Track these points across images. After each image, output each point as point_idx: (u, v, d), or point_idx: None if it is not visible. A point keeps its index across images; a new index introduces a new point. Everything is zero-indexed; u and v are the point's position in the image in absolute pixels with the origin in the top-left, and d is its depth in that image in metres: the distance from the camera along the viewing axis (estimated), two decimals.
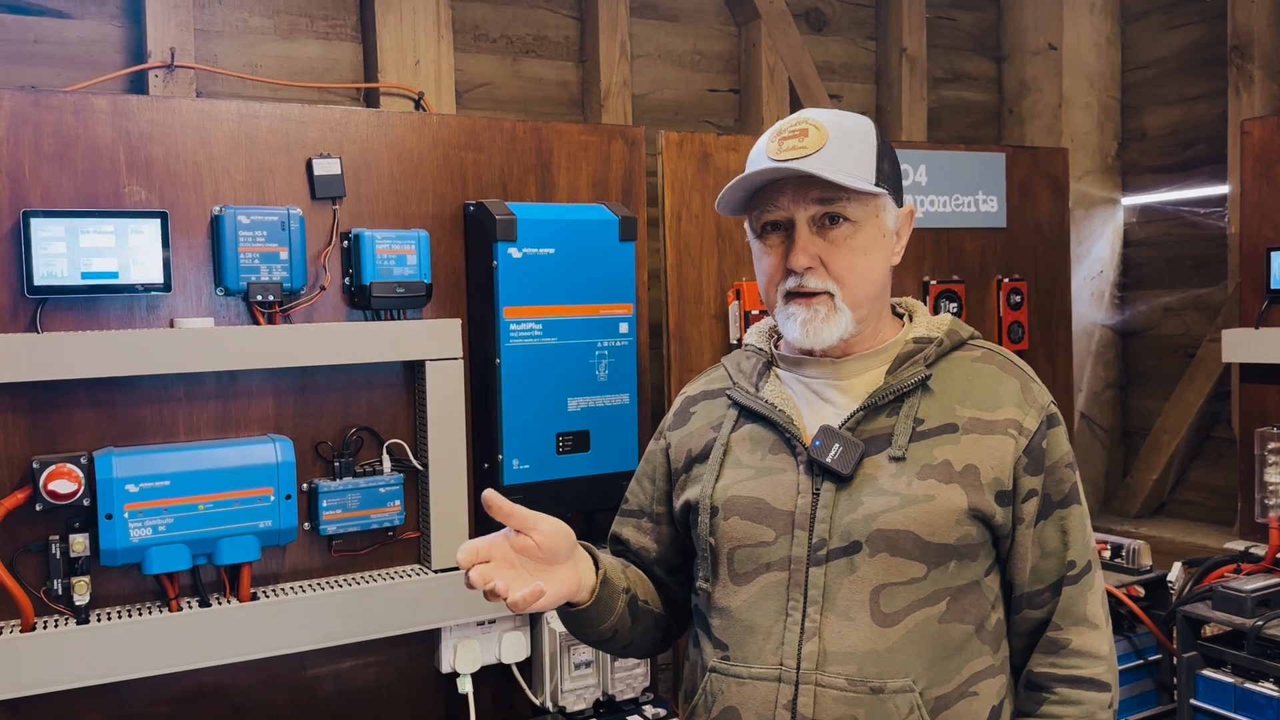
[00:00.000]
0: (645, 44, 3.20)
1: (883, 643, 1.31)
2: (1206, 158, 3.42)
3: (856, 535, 1.33)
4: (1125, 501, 3.61)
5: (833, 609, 1.32)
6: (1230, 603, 2.21)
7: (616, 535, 1.61)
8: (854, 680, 1.30)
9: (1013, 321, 2.95)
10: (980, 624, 1.36)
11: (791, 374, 1.48)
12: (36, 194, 1.86)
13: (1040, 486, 1.37)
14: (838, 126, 1.40)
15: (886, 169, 1.42)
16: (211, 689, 2.05)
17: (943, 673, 1.32)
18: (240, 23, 2.63)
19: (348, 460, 2.09)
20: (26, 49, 2.41)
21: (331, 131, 2.09)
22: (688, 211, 2.50)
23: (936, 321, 1.48)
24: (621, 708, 2.29)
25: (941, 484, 1.33)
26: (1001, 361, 1.44)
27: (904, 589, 1.32)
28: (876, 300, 1.43)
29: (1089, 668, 1.37)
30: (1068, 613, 1.38)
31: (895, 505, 1.33)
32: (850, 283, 1.39)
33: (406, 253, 2.08)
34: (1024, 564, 1.38)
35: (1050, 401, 1.42)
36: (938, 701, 1.31)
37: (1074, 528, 1.39)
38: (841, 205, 1.37)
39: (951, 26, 3.77)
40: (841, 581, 1.32)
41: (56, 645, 1.80)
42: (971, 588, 1.35)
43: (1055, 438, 1.39)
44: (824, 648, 1.31)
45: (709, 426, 1.51)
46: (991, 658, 1.37)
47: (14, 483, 1.85)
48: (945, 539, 1.32)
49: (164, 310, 1.96)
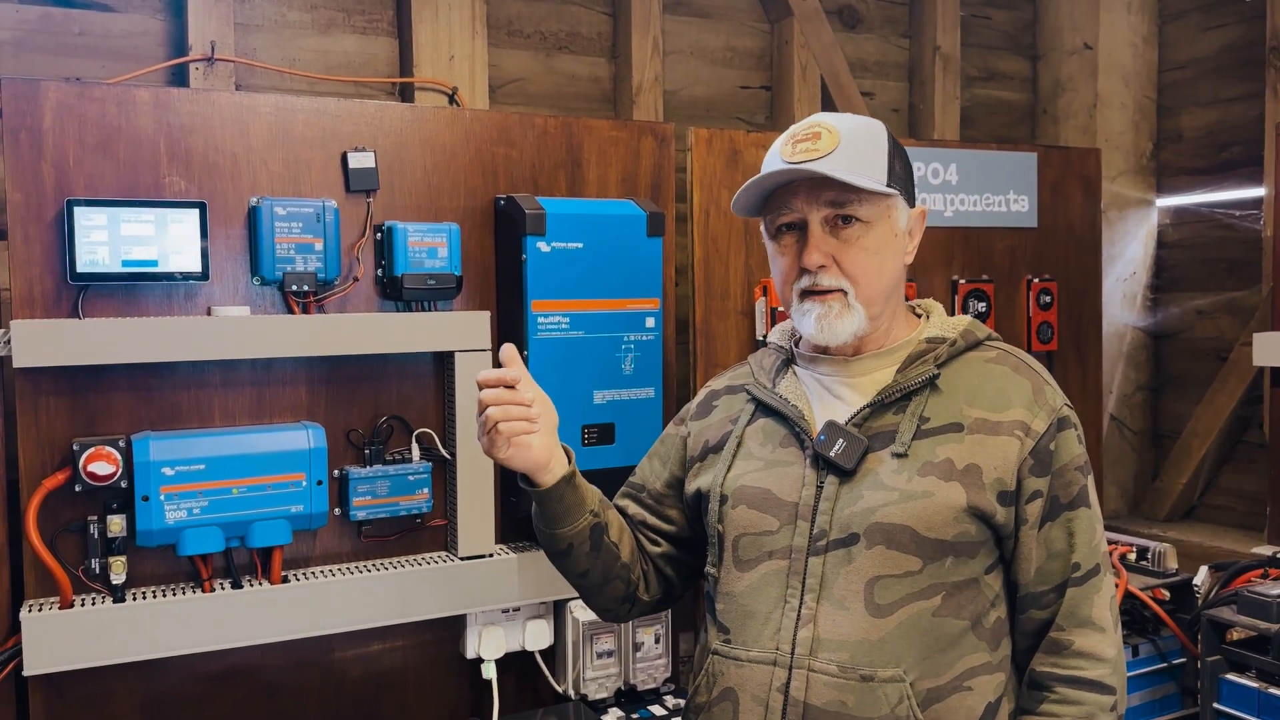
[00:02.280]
0: (678, 40, 3.22)
1: (875, 632, 1.34)
2: (1243, 160, 3.39)
3: (855, 528, 1.36)
4: (1154, 505, 3.59)
5: (829, 598, 1.36)
6: (1255, 607, 2.20)
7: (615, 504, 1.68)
8: (845, 667, 1.34)
9: (1042, 322, 2.94)
10: (977, 620, 1.38)
11: (807, 371, 1.52)
12: (80, 183, 1.91)
13: (1046, 488, 1.39)
14: (849, 130, 1.43)
15: (898, 170, 1.45)
16: (242, 669, 2.10)
17: (935, 666, 1.35)
18: (279, 17, 2.68)
19: (378, 448, 2.13)
20: (72, 41, 2.47)
21: (366, 125, 2.13)
22: (716, 208, 2.51)
23: (953, 322, 1.51)
24: (643, 697, 2.32)
25: (941, 481, 1.36)
26: (1015, 363, 1.46)
27: (898, 581, 1.35)
28: (889, 298, 1.46)
29: (1091, 669, 1.38)
30: (1072, 614, 1.39)
31: (894, 500, 1.36)
32: (862, 280, 1.42)
33: (438, 245, 2.12)
34: (1028, 564, 1.40)
35: (1063, 405, 1.43)
36: (929, 694, 1.34)
37: (1081, 530, 1.40)
38: (853, 206, 1.41)
39: (986, 25, 3.75)
40: (839, 572, 1.36)
41: (93, 623, 1.85)
42: (969, 584, 1.38)
43: (1065, 441, 1.41)
44: (818, 634, 1.35)
45: (727, 419, 1.56)
46: (989, 655, 1.39)
47: (54, 464, 1.90)
48: (942, 535, 1.35)
49: (201, 298, 2.00)
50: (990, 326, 2.81)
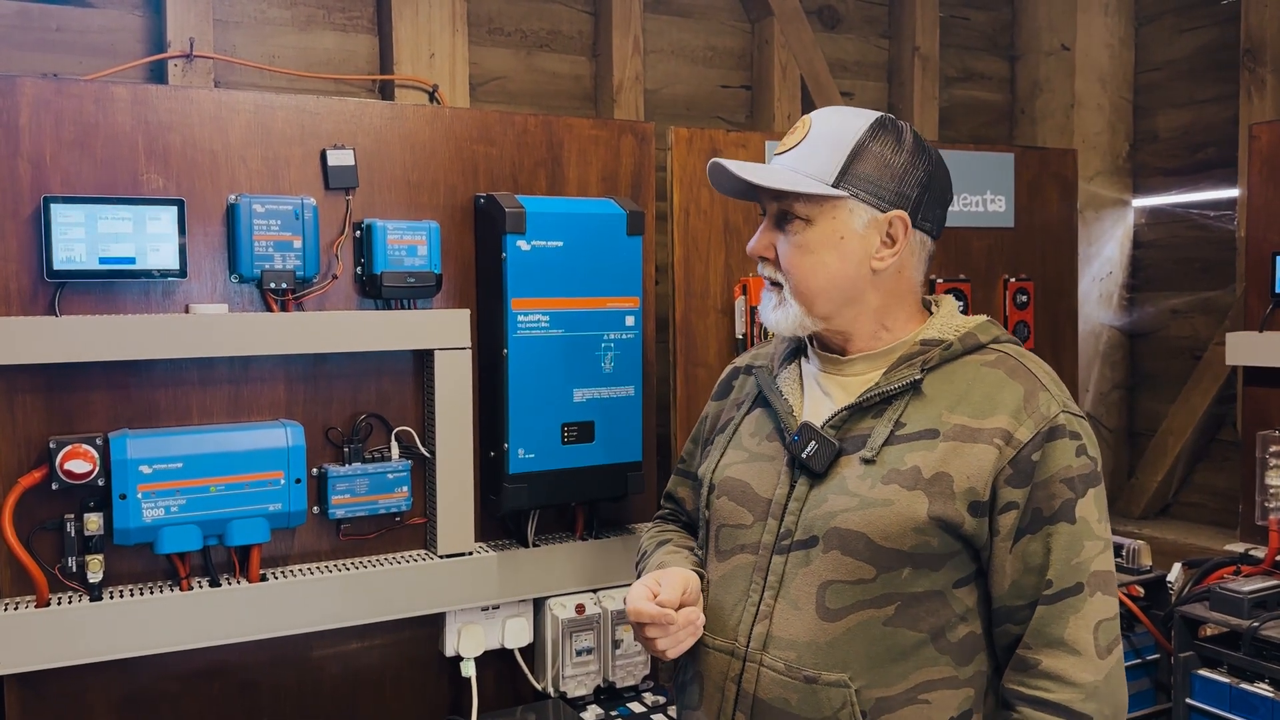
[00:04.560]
0: (658, 39, 3.22)
1: (823, 635, 1.34)
2: (1217, 161, 3.42)
3: (815, 530, 1.37)
4: (1130, 502, 3.62)
5: (785, 597, 1.38)
6: (1228, 604, 2.22)
7: (671, 494, 1.73)
8: (791, 666, 1.35)
9: (1019, 321, 2.96)
10: (937, 633, 1.34)
11: (810, 365, 1.53)
12: (57, 180, 1.90)
13: (1024, 500, 1.32)
14: (821, 125, 1.43)
15: (865, 171, 1.40)
16: (220, 667, 2.09)
17: (885, 675, 1.33)
18: (258, 14, 2.67)
19: (357, 446, 2.13)
20: (49, 37, 2.45)
21: (346, 123, 2.13)
22: (696, 207, 2.52)
23: (958, 323, 1.45)
24: (621, 694, 2.32)
25: (904, 490, 1.33)
26: (1012, 367, 1.40)
27: (850, 588, 1.34)
28: (842, 301, 1.43)
29: (1057, 692, 1.30)
30: (1039, 633, 1.32)
31: (853, 506, 1.35)
32: (794, 277, 1.43)
33: (418, 243, 2.12)
34: (1002, 577, 1.34)
35: (1060, 413, 1.35)
36: (879, 703, 1.33)
37: (1059, 546, 1.32)
38: (789, 203, 1.42)
39: (965, 25, 3.78)
40: (796, 572, 1.38)
41: (70, 621, 1.85)
42: (930, 596, 1.34)
43: (1055, 451, 1.33)
44: (771, 631, 1.38)
45: (735, 403, 1.60)
46: (953, 669, 1.34)
47: (31, 462, 1.89)
48: (899, 545, 1.32)
49: (179, 296, 2.00)
50: None
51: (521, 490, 2.16)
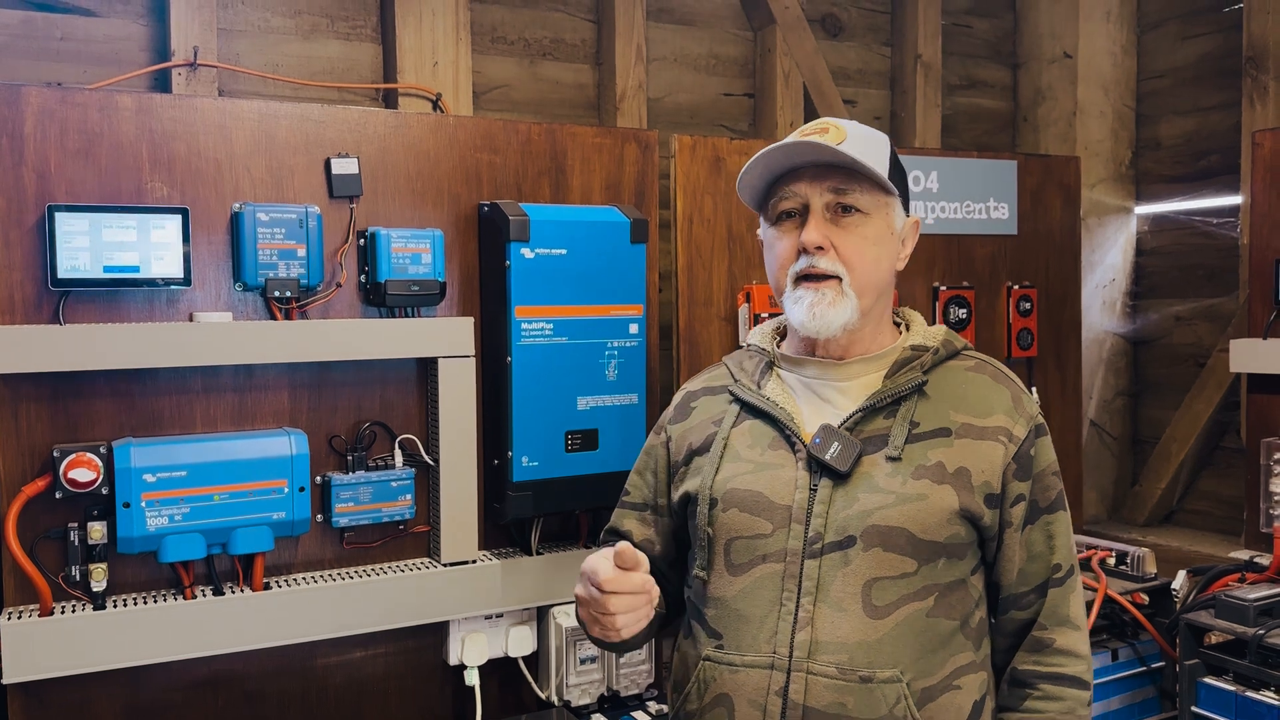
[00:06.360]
0: (661, 48, 3.23)
1: (873, 634, 1.35)
2: (1220, 168, 3.43)
3: (851, 530, 1.37)
4: (1134, 509, 3.62)
5: (826, 600, 1.36)
6: (1233, 611, 2.22)
7: (616, 528, 1.65)
8: (844, 669, 1.34)
9: (1022, 328, 2.96)
10: (964, 620, 1.41)
11: (793, 374, 1.53)
12: (61, 189, 1.90)
13: (1028, 492, 1.43)
14: (857, 128, 1.47)
15: (897, 177, 1.49)
16: (224, 676, 2.09)
17: (929, 665, 1.36)
18: (262, 23, 2.67)
19: (360, 454, 2.13)
20: (53, 46, 2.46)
21: (350, 131, 2.13)
22: (699, 215, 2.53)
23: (932, 332, 1.54)
24: (626, 703, 2.32)
25: (935, 484, 1.38)
26: (994, 372, 1.51)
27: (895, 583, 1.36)
28: (881, 295, 1.49)
29: (1071, 666, 1.43)
30: (1053, 614, 1.44)
31: (890, 503, 1.37)
32: (859, 268, 1.44)
33: (421, 251, 2.12)
34: (1011, 566, 1.44)
35: (1038, 413, 1.48)
36: (924, 693, 1.36)
37: (1060, 533, 1.46)
38: (854, 196, 1.44)
39: (967, 33, 3.79)
40: (835, 574, 1.37)
41: (73, 630, 1.84)
42: (958, 585, 1.40)
43: (1042, 447, 1.46)
44: (816, 637, 1.36)
45: (710, 421, 1.55)
46: (974, 654, 1.42)
47: (35, 471, 1.89)
48: (936, 536, 1.37)
49: (183, 304, 2.00)
50: (971, 333, 2.87)
51: (525, 498, 2.16)
